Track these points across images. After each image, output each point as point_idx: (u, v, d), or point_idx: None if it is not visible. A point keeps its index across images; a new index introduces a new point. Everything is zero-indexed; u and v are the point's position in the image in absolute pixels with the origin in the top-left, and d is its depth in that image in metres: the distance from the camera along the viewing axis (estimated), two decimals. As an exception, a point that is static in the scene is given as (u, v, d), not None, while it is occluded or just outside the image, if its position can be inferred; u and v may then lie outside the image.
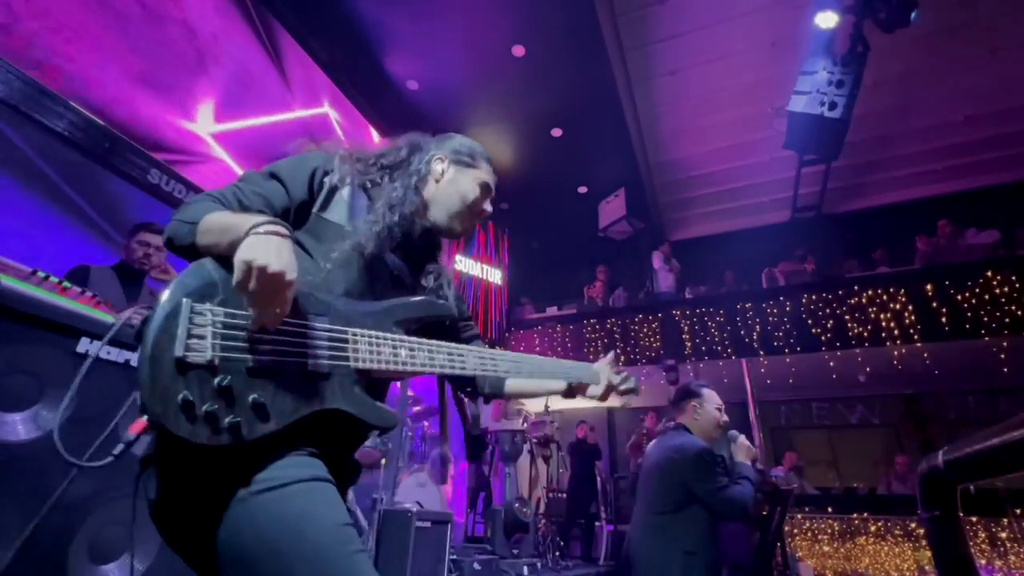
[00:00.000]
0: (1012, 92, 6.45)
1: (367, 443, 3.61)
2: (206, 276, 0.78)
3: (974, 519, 4.86)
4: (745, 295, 7.06)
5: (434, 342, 1.01)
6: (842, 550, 5.39)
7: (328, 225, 1.01)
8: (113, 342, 1.47)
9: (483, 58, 6.08)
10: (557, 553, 4.28)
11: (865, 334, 6.13)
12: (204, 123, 4.49)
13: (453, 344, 1.04)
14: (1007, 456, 0.61)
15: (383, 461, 3.42)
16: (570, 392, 1.33)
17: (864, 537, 5.37)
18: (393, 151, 1.19)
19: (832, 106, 5.16)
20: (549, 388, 1.30)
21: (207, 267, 0.79)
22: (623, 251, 8.77)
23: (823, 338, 6.32)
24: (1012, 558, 4.67)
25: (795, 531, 5.56)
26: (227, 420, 0.73)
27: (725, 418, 2.42)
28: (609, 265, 8.88)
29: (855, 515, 5.49)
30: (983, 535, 4.81)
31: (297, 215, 1.00)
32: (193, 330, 0.73)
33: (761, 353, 6.60)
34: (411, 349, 0.96)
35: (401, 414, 3.72)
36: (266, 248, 0.74)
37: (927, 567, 5.00)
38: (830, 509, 5.66)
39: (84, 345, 1.41)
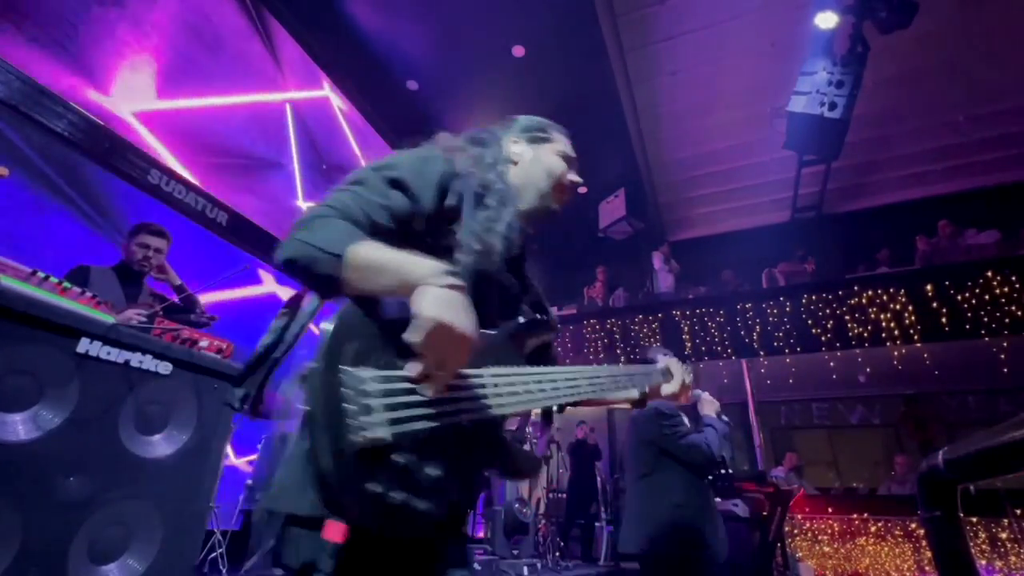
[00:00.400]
0: (1012, 92, 6.45)
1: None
2: (354, 333, 0.71)
3: (974, 519, 4.86)
4: (745, 295, 7.06)
5: (549, 370, 0.94)
6: (842, 550, 5.39)
7: (454, 241, 0.92)
8: (112, 342, 1.47)
9: (483, 58, 6.08)
10: (557, 553, 4.28)
11: (865, 334, 6.13)
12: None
13: (564, 369, 0.98)
14: (1007, 456, 0.61)
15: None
16: (642, 400, 1.27)
17: (864, 537, 5.36)
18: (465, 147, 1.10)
19: (832, 106, 5.16)
20: (621, 398, 1.25)
21: (349, 320, 0.72)
22: (623, 251, 8.77)
23: (823, 338, 6.32)
24: (1012, 558, 4.67)
25: (795, 531, 5.56)
26: (419, 507, 0.67)
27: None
28: (609, 265, 8.88)
29: (855, 515, 5.49)
30: (983, 535, 4.80)
31: (419, 226, 0.89)
32: (365, 405, 0.66)
33: (761, 353, 6.59)
34: (538, 382, 0.90)
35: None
36: (453, 307, 0.68)
37: (927, 567, 5.00)
38: (830, 509, 5.66)
39: (84, 345, 1.41)
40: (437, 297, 0.68)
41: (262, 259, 4.63)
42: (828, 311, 6.39)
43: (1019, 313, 5.55)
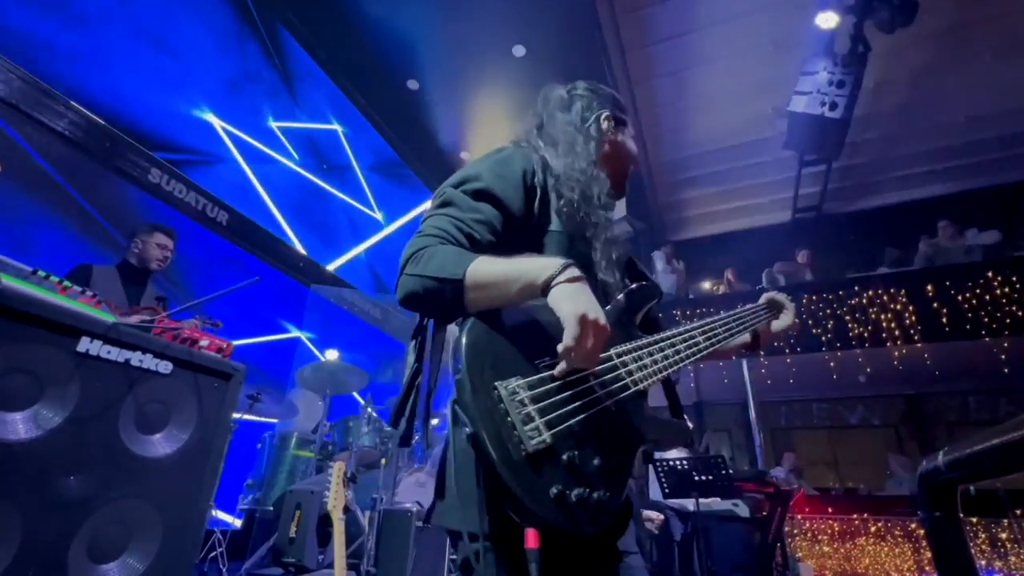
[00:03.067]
0: (1013, 92, 6.44)
1: (366, 443, 3.62)
2: (488, 348, 0.73)
3: (974, 520, 4.86)
4: (745, 295, 7.05)
5: (667, 335, 0.97)
6: (842, 550, 5.39)
7: (551, 236, 0.92)
8: (112, 341, 1.47)
9: (483, 58, 6.08)
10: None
11: (865, 334, 6.13)
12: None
13: (680, 330, 1.00)
14: (1008, 457, 0.61)
15: (383, 461, 3.42)
16: (755, 342, 1.25)
17: (864, 538, 5.36)
18: (547, 114, 1.10)
19: (832, 106, 5.17)
20: (736, 345, 1.23)
21: (481, 337, 0.74)
22: (623, 251, 8.75)
23: (823, 338, 6.31)
24: (1012, 559, 4.67)
25: (795, 531, 5.56)
26: (596, 496, 0.70)
27: None
28: (609, 265, 8.86)
29: (855, 516, 5.49)
30: (983, 536, 4.80)
31: (514, 229, 0.89)
32: (523, 413, 0.69)
33: (761, 353, 6.58)
34: (661, 349, 0.93)
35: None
36: (586, 299, 0.71)
37: (927, 568, 5.00)
38: (830, 509, 5.66)
39: (84, 345, 1.41)
40: (569, 294, 0.71)
41: (262, 259, 4.63)
42: (828, 311, 6.39)
43: (1019, 313, 5.55)
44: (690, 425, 0.95)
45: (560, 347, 0.71)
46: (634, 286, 0.98)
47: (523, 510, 0.66)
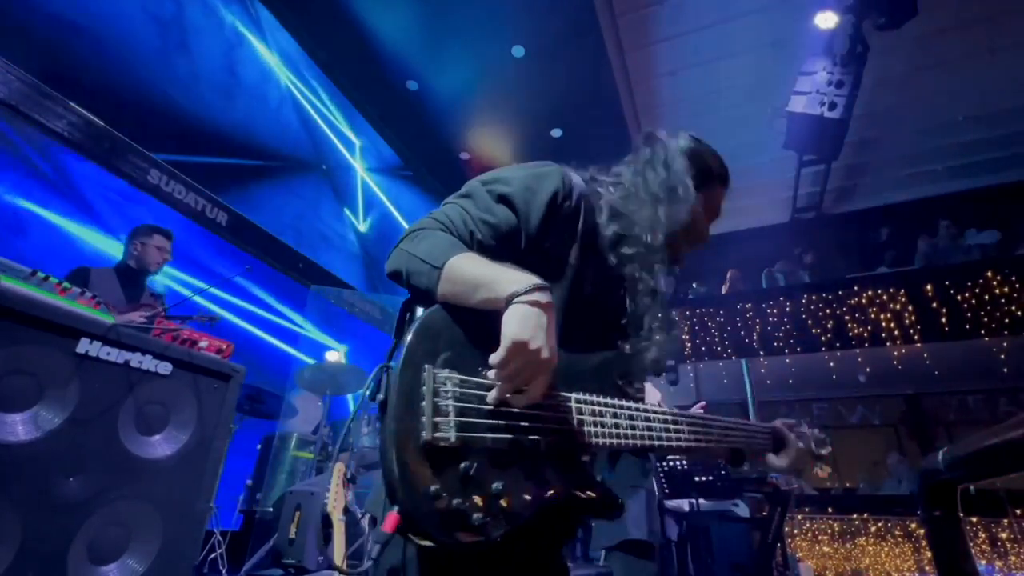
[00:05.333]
0: (1012, 92, 6.44)
1: (366, 444, 3.62)
2: (439, 334, 0.71)
3: (974, 519, 4.86)
4: (745, 295, 7.05)
5: (646, 407, 0.89)
6: (842, 550, 5.39)
7: (560, 265, 0.89)
8: (112, 342, 1.47)
9: (483, 58, 6.08)
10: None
11: (865, 334, 6.13)
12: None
13: (667, 411, 0.92)
14: (1007, 456, 0.61)
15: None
16: (739, 459, 1.14)
17: (864, 537, 5.36)
18: (637, 162, 1.02)
19: (832, 106, 5.17)
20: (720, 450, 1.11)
21: (437, 323, 0.72)
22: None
23: (823, 338, 6.31)
24: (1012, 558, 4.67)
25: (795, 531, 5.56)
26: (475, 518, 0.64)
27: None
28: (609, 265, 8.86)
29: (855, 515, 5.49)
30: (983, 535, 4.80)
31: (528, 245, 0.86)
32: (439, 404, 0.66)
33: (761, 353, 6.59)
34: (632, 418, 0.85)
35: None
36: (536, 326, 0.68)
37: (927, 567, 5.00)
38: (830, 509, 5.66)
39: (84, 345, 1.41)
40: (521, 315, 0.68)
41: (261, 259, 4.63)
42: (828, 311, 6.39)
43: (1019, 313, 5.55)
44: (620, 502, 0.83)
45: (491, 359, 0.69)
46: (623, 352, 0.91)
47: (391, 492, 0.62)
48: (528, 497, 0.70)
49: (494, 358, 0.69)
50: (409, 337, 0.69)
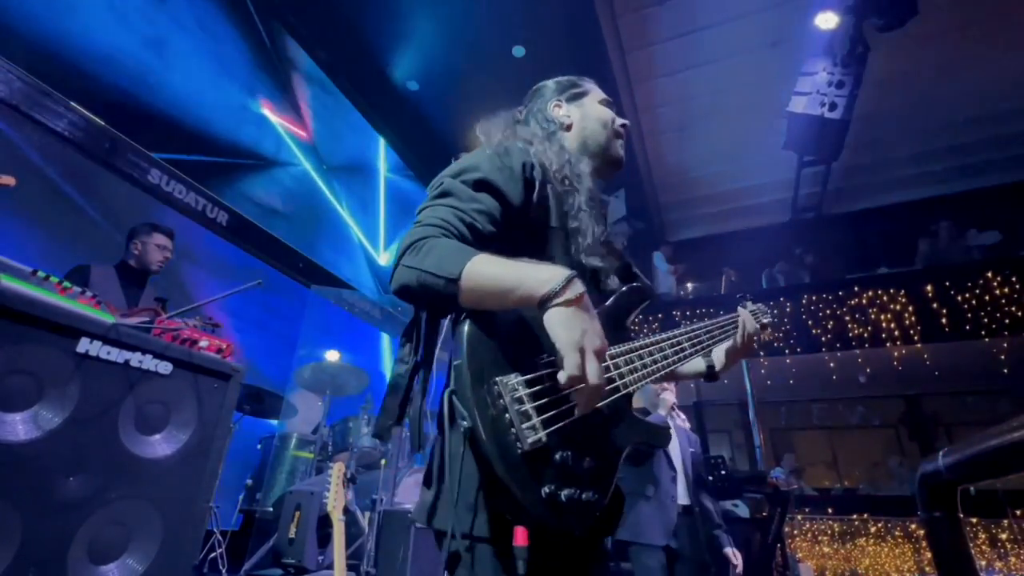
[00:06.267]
0: (1012, 93, 6.44)
1: (366, 444, 3.62)
2: (485, 343, 0.72)
3: (974, 520, 4.86)
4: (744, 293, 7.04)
5: (656, 339, 0.97)
6: (842, 551, 5.39)
7: (553, 233, 0.92)
8: (112, 342, 1.47)
9: (483, 58, 6.08)
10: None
11: (865, 335, 6.13)
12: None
13: (665, 335, 1.00)
14: (1007, 457, 0.61)
15: (383, 461, 3.42)
16: (712, 373, 1.21)
17: (864, 538, 5.36)
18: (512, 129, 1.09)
19: (832, 107, 5.17)
20: (693, 371, 1.20)
21: (478, 333, 0.72)
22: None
23: (823, 339, 6.31)
24: (1012, 559, 4.67)
25: (795, 532, 5.56)
26: (584, 497, 0.70)
27: None
28: (609, 266, 8.85)
29: (855, 516, 5.49)
30: (983, 536, 4.80)
31: (514, 222, 0.88)
32: (522, 411, 0.68)
33: (761, 353, 6.59)
34: (651, 353, 0.92)
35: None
36: (583, 325, 0.69)
37: (927, 568, 5.00)
38: (830, 510, 5.66)
39: (84, 345, 1.41)
40: (566, 321, 0.68)
41: (262, 259, 4.63)
42: (828, 311, 6.39)
43: (1019, 313, 5.55)
44: (665, 427, 0.95)
45: (561, 377, 0.69)
46: (625, 288, 0.97)
47: (516, 508, 0.65)
48: (610, 460, 0.77)
49: (569, 370, 0.68)
50: (464, 358, 0.69)
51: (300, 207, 5.51)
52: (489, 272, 0.71)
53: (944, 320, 5.84)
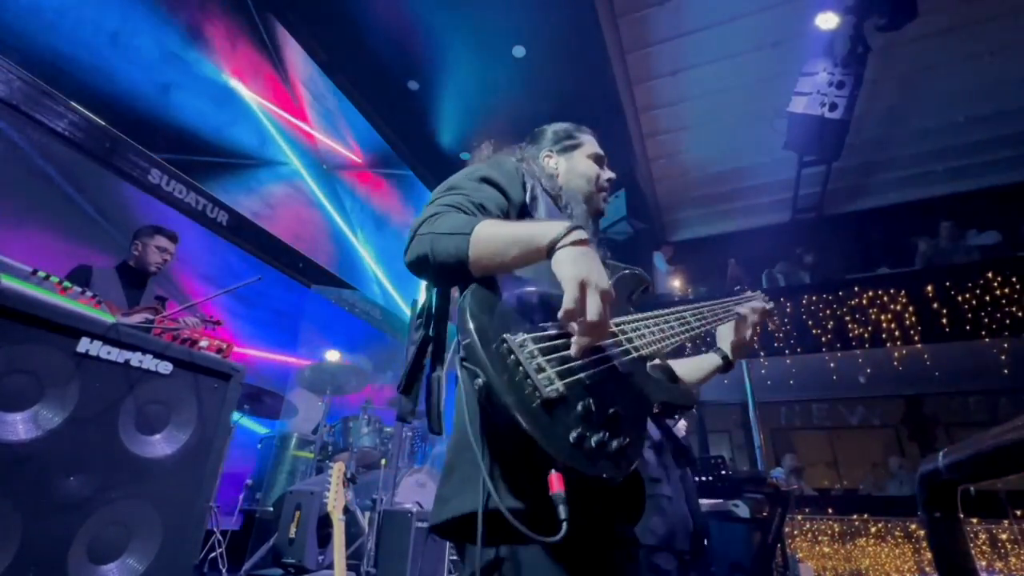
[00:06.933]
0: (1013, 92, 6.44)
1: (366, 444, 3.62)
2: (491, 306, 0.73)
3: (975, 520, 4.86)
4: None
5: (661, 312, 1.03)
6: (842, 551, 5.38)
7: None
8: (112, 342, 1.47)
9: (483, 58, 6.08)
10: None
11: (865, 335, 6.13)
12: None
13: (670, 310, 1.06)
14: (1008, 457, 0.61)
15: (383, 461, 3.42)
16: (727, 363, 1.28)
17: (864, 538, 5.36)
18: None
19: (832, 107, 5.17)
20: (710, 368, 1.27)
21: (482, 297, 0.74)
22: (623, 251, 8.76)
23: (823, 339, 6.31)
24: (1012, 560, 4.67)
25: (795, 532, 5.56)
26: (616, 443, 0.69)
27: None
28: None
29: (855, 516, 5.48)
30: (984, 537, 4.80)
31: (511, 217, 0.95)
32: (535, 363, 0.68)
33: (761, 353, 6.59)
34: (656, 323, 0.98)
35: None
36: (589, 263, 0.71)
37: (928, 568, 4.99)
38: (830, 510, 5.66)
39: (84, 345, 1.41)
40: (572, 257, 0.71)
41: (262, 259, 4.63)
42: (828, 311, 6.39)
43: (1019, 314, 5.55)
44: (692, 389, 0.99)
45: (560, 312, 0.70)
46: (627, 271, 1.04)
47: (543, 456, 0.63)
48: (637, 412, 0.78)
49: (567, 303, 0.69)
50: (470, 322, 0.69)
51: (299, 207, 5.51)
52: (498, 230, 0.77)
53: (944, 320, 5.84)
